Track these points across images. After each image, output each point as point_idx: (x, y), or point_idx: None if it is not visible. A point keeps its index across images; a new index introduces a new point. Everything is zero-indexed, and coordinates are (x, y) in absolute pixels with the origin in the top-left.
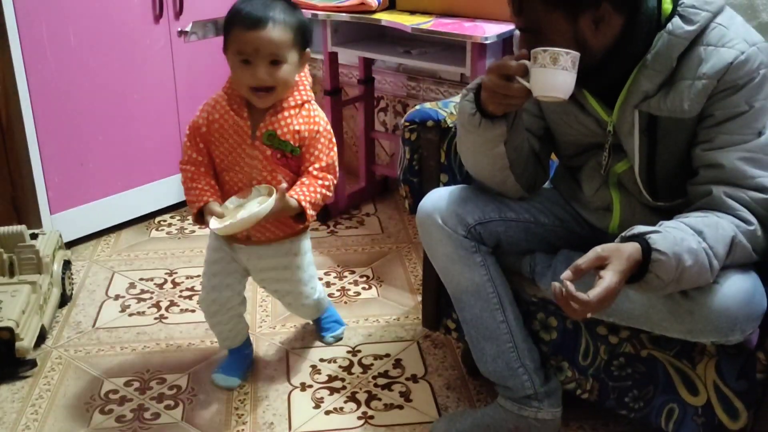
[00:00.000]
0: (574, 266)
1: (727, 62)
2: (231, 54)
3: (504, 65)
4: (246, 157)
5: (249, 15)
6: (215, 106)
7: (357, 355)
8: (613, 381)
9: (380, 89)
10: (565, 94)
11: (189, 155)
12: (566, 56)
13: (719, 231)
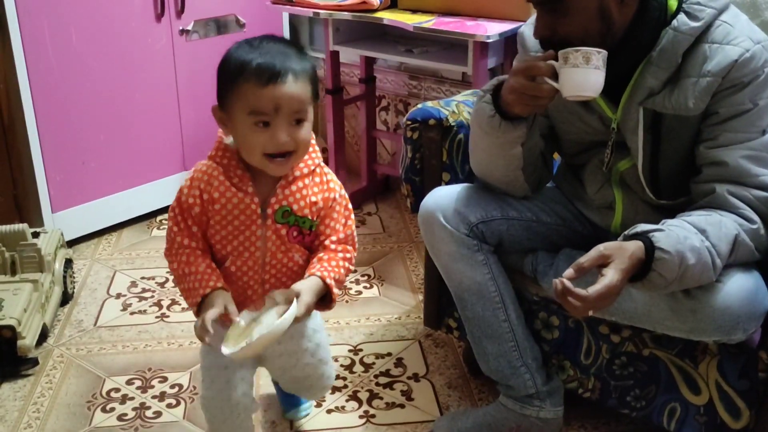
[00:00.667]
0: (577, 264)
1: (732, 60)
2: (239, 114)
3: (533, 66)
4: (256, 240)
5: (266, 67)
6: (210, 182)
7: (358, 354)
8: (615, 380)
9: (382, 88)
10: (596, 93)
11: (179, 242)
12: (598, 55)
13: (722, 230)
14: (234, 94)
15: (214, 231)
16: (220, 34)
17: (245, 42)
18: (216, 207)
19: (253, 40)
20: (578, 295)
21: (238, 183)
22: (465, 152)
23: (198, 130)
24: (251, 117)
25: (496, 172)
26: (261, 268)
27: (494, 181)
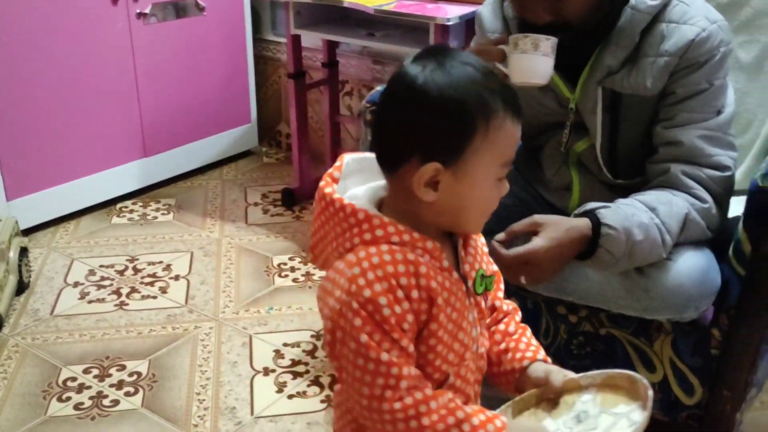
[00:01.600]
0: (508, 228)
1: (689, 39)
2: (487, 168)
3: (484, 51)
4: (471, 329)
5: (514, 101)
6: (417, 272)
7: (321, 340)
8: (573, 359)
9: (345, 73)
10: (545, 80)
11: (406, 376)
12: (547, 42)
13: (673, 208)
14: (480, 141)
15: (436, 340)
16: (179, 18)
17: (435, 64)
18: (439, 303)
19: (431, 57)
20: (498, 253)
21: (438, 257)
22: None
23: (158, 115)
24: (502, 170)
25: None
26: (476, 367)
27: None
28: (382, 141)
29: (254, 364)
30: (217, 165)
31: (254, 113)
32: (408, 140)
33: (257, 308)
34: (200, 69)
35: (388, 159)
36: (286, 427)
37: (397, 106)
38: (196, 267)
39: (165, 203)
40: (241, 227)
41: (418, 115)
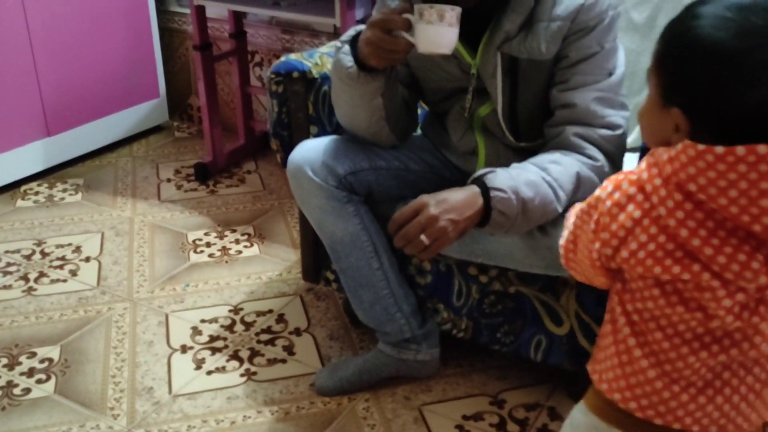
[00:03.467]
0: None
1: (579, 4)
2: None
3: (389, 20)
4: None
5: None
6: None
7: (239, 314)
8: (485, 318)
9: (254, 43)
10: (450, 50)
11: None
12: (451, 12)
13: (563, 166)
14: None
15: None
16: None
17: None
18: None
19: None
20: (393, 218)
21: None
22: (331, 104)
23: (60, 92)
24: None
25: (361, 124)
26: None
27: (360, 132)
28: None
29: (171, 342)
30: (127, 142)
31: (163, 87)
32: None
33: (173, 286)
34: (102, 43)
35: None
36: (206, 403)
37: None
38: (107, 247)
39: (73, 183)
40: (154, 204)
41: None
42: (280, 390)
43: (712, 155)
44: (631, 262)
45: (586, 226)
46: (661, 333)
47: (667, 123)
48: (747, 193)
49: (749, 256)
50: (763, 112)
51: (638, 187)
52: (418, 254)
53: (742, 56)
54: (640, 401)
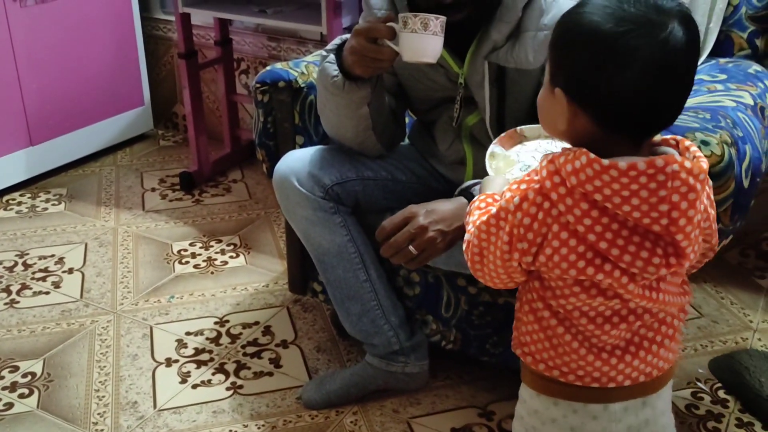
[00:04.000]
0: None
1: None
2: None
3: (374, 28)
4: None
5: None
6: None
7: (225, 326)
8: (474, 329)
9: (240, 51)
10: (435, 59)
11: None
12: (435, 21)
13: None
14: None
15: None
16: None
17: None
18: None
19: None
20: (381, 226)
21: None
22: (317, 114)
23: (43, 101)
24: None
25: (347, 133)
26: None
27: (347, 141)
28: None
29: (156, 355)
30: (111, 150)
31: (147, 95)
32: None
33: (157, 298)
34: (86, 51)
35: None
36: (191, 418)
37: None
38: (90, 258)
39: (56, 193)
40: (138, 214)
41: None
42: (267, 403)
43: (616, 170)
44: (549, 265)
45: (495, 238)
46: (585, 318)
47: (555, 107)
48: (647, 201)
49: (650, 252)
50: (635, 94)
51: (543, 195)
52: (406, 264)
53: (615, 39)
54: (561, 368)
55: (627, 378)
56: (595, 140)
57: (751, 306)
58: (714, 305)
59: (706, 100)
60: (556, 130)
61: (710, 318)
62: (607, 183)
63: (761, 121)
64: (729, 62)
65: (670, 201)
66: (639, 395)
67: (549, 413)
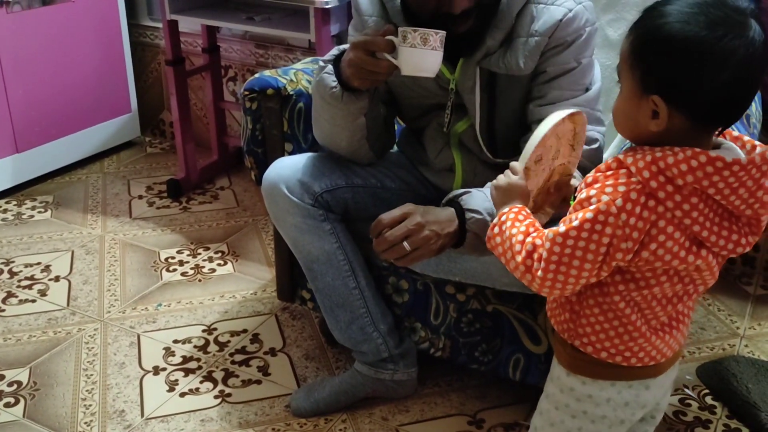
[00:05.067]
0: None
1: (557, 19)
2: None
3: (372, 42)
4: None
5: None
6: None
7: (213, 334)
8: (463, 337)
9: (228, 58)
10: (434, 73)
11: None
12: (435, 36)
13: None
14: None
15: None
16: (45, 5)
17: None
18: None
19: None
20: (378, 221)
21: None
22: (306, 121)
23: (29, 108)
24: None
25: (342, 142)
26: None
27: (340, 150)
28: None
29: (143, 363)
30: (98, 158)
31: (134, 102)
32: None
33: (145, 305)
34: (73, 58)
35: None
36: (179, 426)
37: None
38: (77, 266)
39: (42, 201)
40: (125, 222)
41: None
42: (255, 412)
43: (738, 165)
44: (650, 259)
45: (594, 244)
46: (656, 302)
47: (645, 111)
48: (750, 189)
49: (738, 234)
50: (732, 91)
51: (648, 195)
52: (396, 261)
53: (712, 44)
54: (624, 354)
55: (671, 350)
56: (684, 135)
57: (738, 313)
58: (701, 312)
59: None
60: (641, 133)
61: (698, 325)
62: (724, 178)
63: (747, 128)
64: None
65: (765, 186)
66: (674, 361)
67: (605, 393)
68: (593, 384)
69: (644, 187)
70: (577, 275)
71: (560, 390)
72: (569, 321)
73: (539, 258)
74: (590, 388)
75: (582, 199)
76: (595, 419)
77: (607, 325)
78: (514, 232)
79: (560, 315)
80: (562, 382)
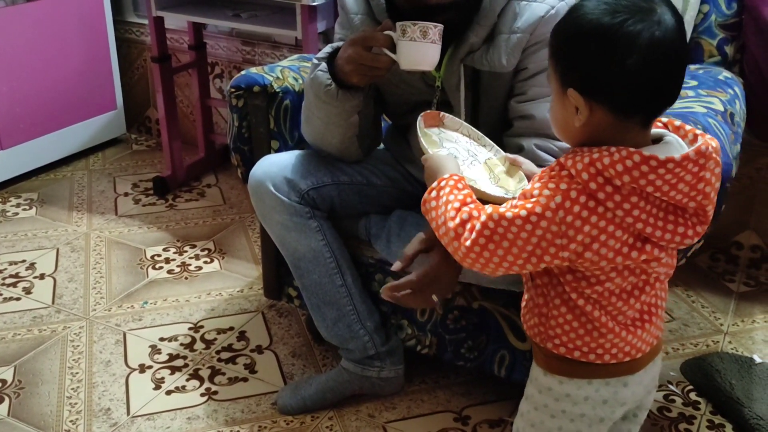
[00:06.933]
0: (403, 255)
1: (539, 16)
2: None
3: (371, 37)
4: None
5: None
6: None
7: (199, 331)
8: (450, 334)
9: (214, 55)
10: (432, 66)
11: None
12: (434, 29)
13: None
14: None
15: None
16: (29, 1)
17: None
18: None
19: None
20: (401, 284)
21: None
22: (292, 119)
23: (13, 105)
24: None
25: (334, 140)
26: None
27: (331, 148)
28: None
29: (129, 361)
30: (83, 155)
31: (120, 99)
32: None
33: (131, 303)
34: (57, 54)
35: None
36: (165, 424)
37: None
38: (62, 264)
39: (26, 198)
40: (111, 219)
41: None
42: (242, 409)
43: (672, 162)
44: (595, 259)
45: (525, 233)
46: (615, 297)
47: (569, 109)
48: (690, 183)
49: (684, 226)
50: (643, 76)
51: (588, 195)
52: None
53: (614, 30)
54: (596, 351)
55: (647, 344)
56: (611, 131)
57: (722, 309)
58: (685, 309)
59: (677, 106)
60: (571, 132)
61: (681, 321)
62: (661, 176)
63: (731, 126)
64: (699, 69)
65: (706, 179)
66: (652, 357)
67: (582, 392)
68: (570, 383)
69: (584, 188)
70: (502, 258)
71: (539, 391)
72: (539, 325)
73: (471, 229)
74: (568, 387)
75: (527, 190)
76: (574, 418)
77: (576, 324)
78: (451, 199)
79: (530, 320)
80: (540, 383)
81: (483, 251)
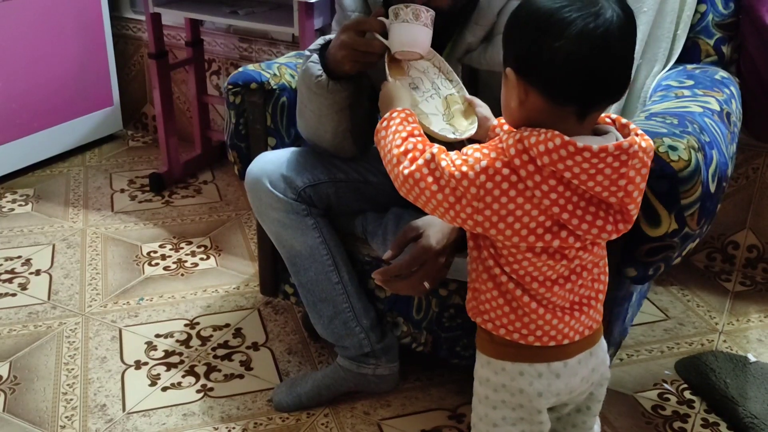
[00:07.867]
0: (393, 244)
1: None
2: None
3: (364, 21)
4: None
5: None
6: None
7: (195, 328)
8: (445, 332)
9: (211, 51)
10: (424, 50)
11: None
12: (426, 13)
13: None
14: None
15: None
16: None
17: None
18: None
19: None
20: (391, 268)
21: None
22: (289, 116)
23: (8, 100)
24: None
25: (327, 134)
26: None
27: (324, 143)
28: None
29: (125, 358)
30: (79, 151)
31: (117, 95)
32: None
33: (127, 300)
34: (54, 50)
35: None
36: (161, 421)
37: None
38: (58, 260)
39: (22, 194)
40: (107, 215)
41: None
42: (238, 406)
43: (589, 152)
44: (508, 233)
45: (446, 188)
46: (538, 284)
47: (509, 90)
48: (610, 177)
49: (604, 220)
50: (572, 63)
51: (511, 170)
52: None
53: (552, 13)
54: (521, 331)
55: (577, 333)
56: (545, 116)
57: (717, 309)
58: (680, 308)
59: (673, 106)
60: (511, 112)
61: (677, 320)
62: (578, 163)
63: (727, 126)
64: (696, 68)
65: (628, 176)
66: (587, 347)
67: (516, 384)
68: (504, 374)
69: (510, 162)
70: (428, 199)
71: (479, 383)
72: (472, 299)
73: (413, 160)
74: (502, 378)
75: (464, 150)
76: (514, 407)
77: (501, 300)
78: (400, 129)
79: (468, 294)
80: (479, 375)
81: (415, 186)
